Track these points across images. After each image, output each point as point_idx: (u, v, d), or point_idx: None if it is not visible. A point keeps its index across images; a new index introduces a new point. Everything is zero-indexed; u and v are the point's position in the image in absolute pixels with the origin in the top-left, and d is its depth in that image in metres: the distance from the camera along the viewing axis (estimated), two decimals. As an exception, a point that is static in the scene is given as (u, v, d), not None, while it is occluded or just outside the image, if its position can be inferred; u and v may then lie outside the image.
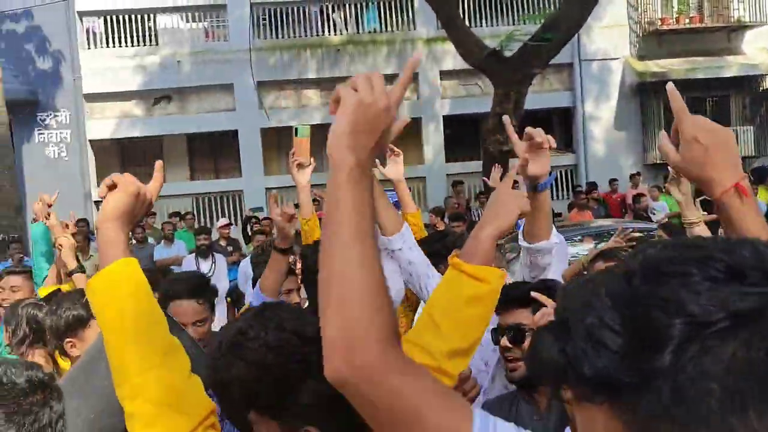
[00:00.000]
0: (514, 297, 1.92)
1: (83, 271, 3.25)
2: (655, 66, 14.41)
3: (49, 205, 3.57)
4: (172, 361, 1.18)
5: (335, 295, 0.89)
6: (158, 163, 1.42)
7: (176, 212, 11.48)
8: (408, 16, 14.36)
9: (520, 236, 2.20)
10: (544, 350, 0.57)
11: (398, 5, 14.35)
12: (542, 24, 8.88)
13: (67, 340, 2.35)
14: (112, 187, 1.28)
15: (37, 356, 2.51)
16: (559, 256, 2.50)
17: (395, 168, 3.00)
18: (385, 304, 0.90)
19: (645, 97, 14.65)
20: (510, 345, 1.98)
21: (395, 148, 2.92)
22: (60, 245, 3.28)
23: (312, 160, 2.98)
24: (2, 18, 12.48)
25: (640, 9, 14.58)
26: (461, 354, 1.34)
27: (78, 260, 3.32)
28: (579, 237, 6.86)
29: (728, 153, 1.08)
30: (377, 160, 1.90)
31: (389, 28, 14.36)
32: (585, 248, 6.32)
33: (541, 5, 14.05)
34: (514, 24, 13.40)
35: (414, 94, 14.42)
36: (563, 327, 0.57)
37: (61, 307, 2.38)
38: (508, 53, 8.65)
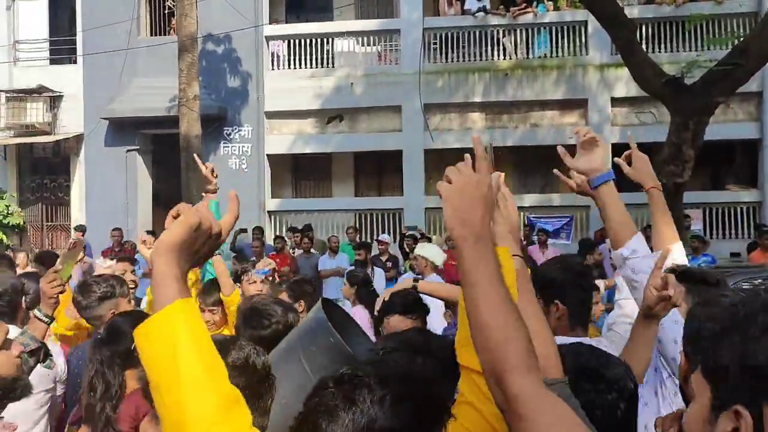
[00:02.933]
0: None
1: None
2: None
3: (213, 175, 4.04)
4: (235, 417, 1.04)
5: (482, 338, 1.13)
6: (231, 193, 1.31)
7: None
8: (581, 41, 14.02)
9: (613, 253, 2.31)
10: None
11: (571, 30, 14.06)
12: (730, 50, 8.30)
13: None
14: (176, 217, 1.13)
15: None
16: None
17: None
18: (520, 335, 1.12)
19: None
20: None
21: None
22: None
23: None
24: (205, 40, 13.85)
25: None
26: None
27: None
28: (760, 280, 6.28)
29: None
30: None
31: (560, 53, 14.10)
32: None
33: (728, 30, 13.10)
34: (694, 50, 12.63)
35: (582, 120, 14.02)
36: None
37: None
38: (688, 80, 8.18)
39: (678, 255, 2.44)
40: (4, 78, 15.17)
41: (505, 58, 14.27)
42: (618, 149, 11.46)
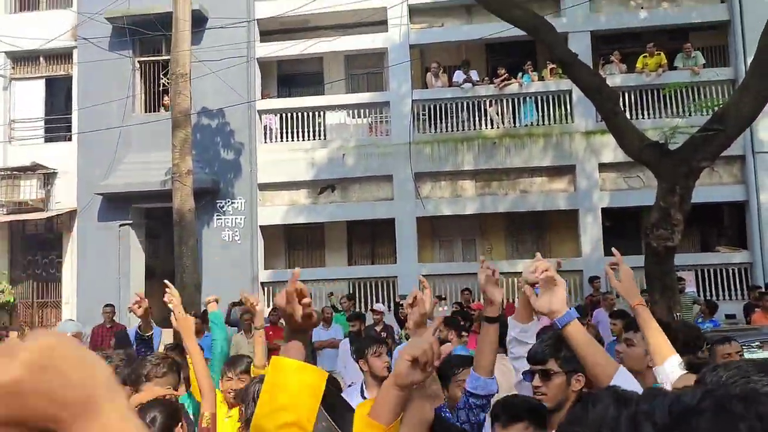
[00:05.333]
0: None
1: None
2: None
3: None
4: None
5: None
6: (296, 272, 1.53)
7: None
8: (566, 109, 14.38)
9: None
10: None
11: (556, 99, 14.45)
12: (711, 116, 8.54)
13: None
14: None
15: None
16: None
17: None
18: None
19: (834, 192, 13.32)
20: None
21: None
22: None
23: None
24: (198, 114, 14.12)
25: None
26: None
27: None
28: (757, 343, 6.25)
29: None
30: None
31: (546, 122, 14.44)
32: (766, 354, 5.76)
33: (707, 97, 13.50)
34: (676, 116, 12.99)
35: (571, 186, 14.22)
36: None
37: None
38: (672, 146, 8.36)
39: (670, 369, 2.44)
40: (-2, 156, 15.34)
41: (492, 127, 14.59)
42: (608, 213, 11.60)
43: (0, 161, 15.32)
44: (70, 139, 15.44)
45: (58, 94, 16.28)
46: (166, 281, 4.24)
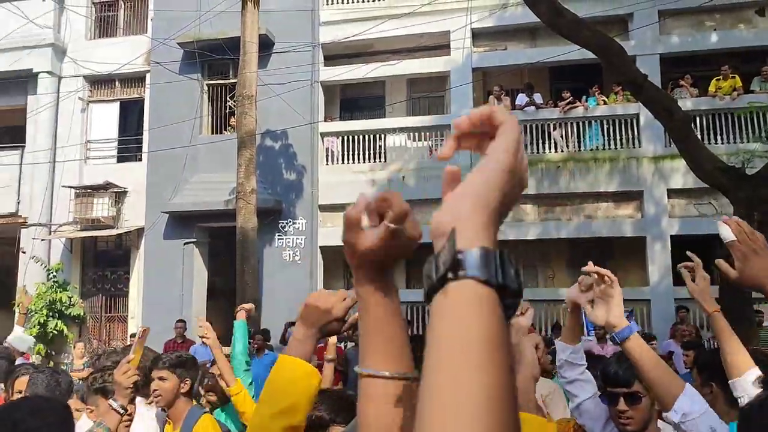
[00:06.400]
0: None
1: None
2: None
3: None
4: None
5: None
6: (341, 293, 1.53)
7: None
8: (633, 133, 13.99)
9: None
10: None
11: (622, 123, 14.08)
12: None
13: None
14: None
15: None
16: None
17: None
18: None
19: None
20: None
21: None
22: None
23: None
24: (262, 136, 14.42)
25: None
26: None
27: None
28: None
29: None
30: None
31: (613, 146, 14.07)
32: None
33: (788, 120, 12.89)
34: (754, 140, 12.42)
35: (638, 212, 13.77)
36: None
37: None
38: (749, 171, 7.98)
39: (750, 383, 2.26)
40: (74, 175, 16.02)
41: (556, 151, 14.31)
42: (676, 241, 11.14)
43: (76, 179, 15.98)
44: (140, 159, 16.00)
45: (130, 116, 16.93)
46: (199, 317, 4.40)
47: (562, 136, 14.40)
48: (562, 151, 14.31)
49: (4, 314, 16.63)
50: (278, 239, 14.84)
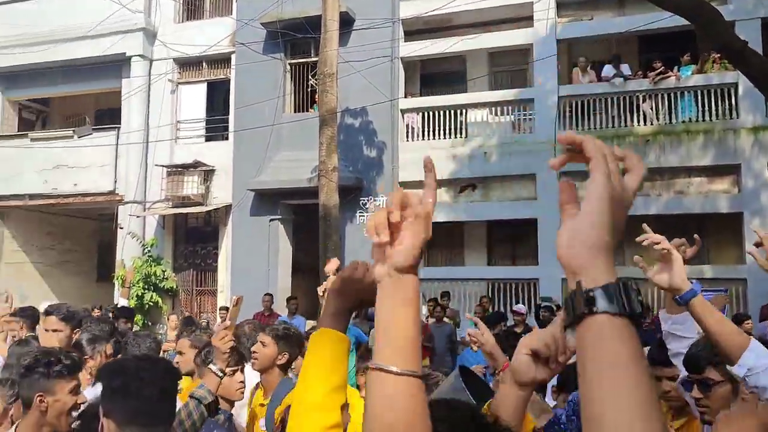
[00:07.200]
0: None
1: None
2: None
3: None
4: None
5: None
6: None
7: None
8: (730, 103, 13.22)
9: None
10: None
11: (719, 93, 13.32)
12: None
13: None
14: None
15: None
16: None
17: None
18: None
19: None
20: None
21: None
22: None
23: None
24: (343, 114, 14.56)
25: None
26: None
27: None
28: None
29: None
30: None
31: (707, 117, 13.35)
32: None
33: None
34: None
35: (734, 187, 13.06)
36: None
37: None
38: None
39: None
40: (166, 154, 16.73)
41: (645, 124, 13.73)
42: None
43: (167, 158, 16.68)
44: (227, 138, 16.51)
45: (217, 97, 17.46)
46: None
47: (652, 108, 13.79)
48: (652, 123, 13.71)
49: (105, 286, 17.71)
50: (359, 216, 15.00)
